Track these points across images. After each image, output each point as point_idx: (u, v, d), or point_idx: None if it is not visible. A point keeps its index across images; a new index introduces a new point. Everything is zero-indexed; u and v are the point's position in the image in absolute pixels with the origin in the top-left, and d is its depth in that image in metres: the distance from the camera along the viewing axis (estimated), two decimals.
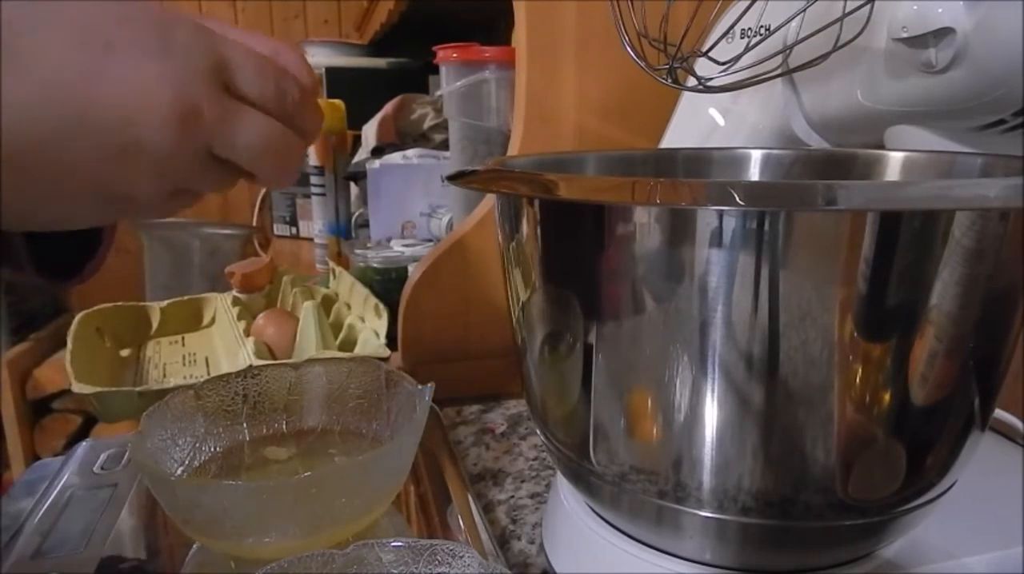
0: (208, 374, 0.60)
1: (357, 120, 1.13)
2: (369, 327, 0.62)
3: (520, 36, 0.55)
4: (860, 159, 0.37)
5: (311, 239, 1.12)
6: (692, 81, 0.38)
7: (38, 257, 0.35)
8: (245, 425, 0.40)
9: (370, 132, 1.11)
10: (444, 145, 1.06)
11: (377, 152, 1.06)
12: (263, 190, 1.43)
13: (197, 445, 0.38)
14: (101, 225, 0.35)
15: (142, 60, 0.25)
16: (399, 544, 0.27)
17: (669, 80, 0.37)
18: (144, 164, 0.26)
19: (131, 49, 0.25)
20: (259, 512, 0.30)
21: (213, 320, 0.73)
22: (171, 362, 0.64)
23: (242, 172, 0.30)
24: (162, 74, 0.25)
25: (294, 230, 1.32)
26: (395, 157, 0.99)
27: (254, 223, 1.63)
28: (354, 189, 1.09)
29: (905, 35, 0.32)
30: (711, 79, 0.37)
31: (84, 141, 0.25)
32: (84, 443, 0.45)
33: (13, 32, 0.23)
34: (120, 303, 0.69)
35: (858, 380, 0.24)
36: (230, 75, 0.27)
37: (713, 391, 0.25)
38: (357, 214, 1.06)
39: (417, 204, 0.95)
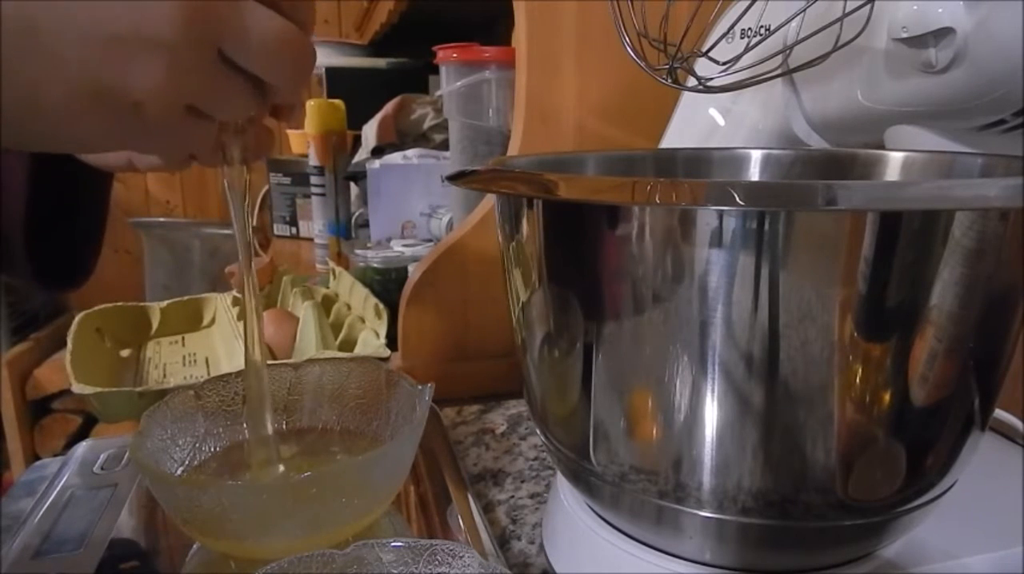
0: (208, 374, 0.60)
1: (357, 120, 1.13)
2: (369, 327, 0.62)
3: (520, 36, 0.55)
4: (860, 159, 0.37)
5: (311, 239, 1.12)
6: (692, 81, 0.38)
7: (36, 263, 0.35)
8: (245, 425, 0.40)
9: (370, 132, 1.11)
10: (444, 145, 1.06)
11: (377, 152, 1.06)
12: (263, 190, 1.43)
13: (197, 445, 0.38)
14: (108, 149, 0.32)
15: None
16: (399, 544, 0.27)
17: (669, 80, 0.37)
18: (149, 58, 0.25)
19: None
20: (259, 512, 0.30)
21: (213, 320, 0.73)
22: (171, 362, 0.64)
23: (256, 84, 0.28)
24: None
25: (294, 230, 1.32)
26: (395, 157, 0.99)
27: (254, 223, 1.63)
28: (354, 189, 1.09)
29: (905, 35, 0.32)
30: (711, 79, 0.37)
31: (84, 27, 0.24)
32: (84, 443, 0.45)
33: None
34: (120, 303, 0.69)
35: (858, 380, 0.24)
36: None
37: (713, 391, 0.25)
38: (357, 214, 1.06)
39: (417, 204, 0.95)
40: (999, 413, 0.42)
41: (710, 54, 0.36)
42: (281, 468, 0.36)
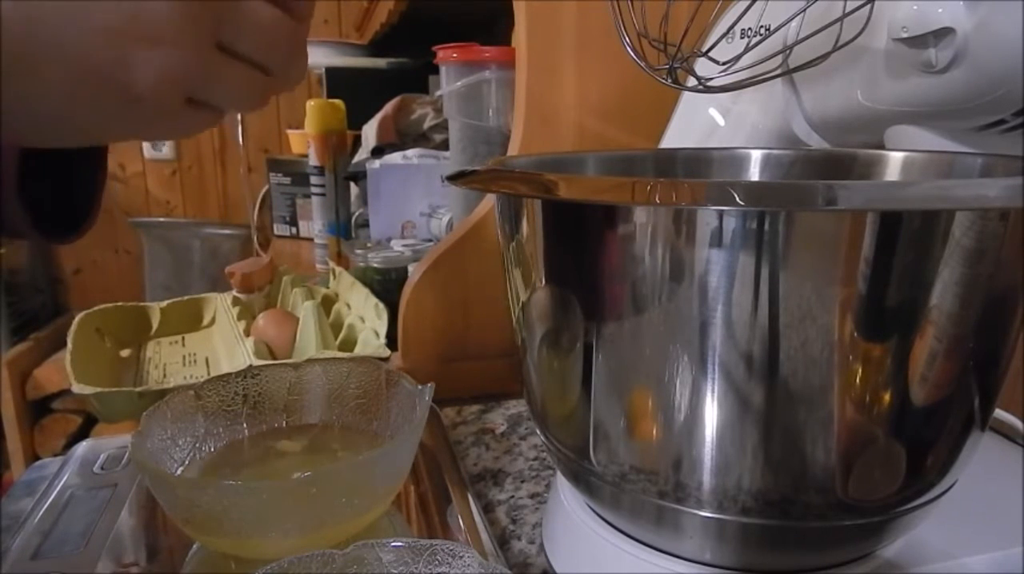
0: (208, 374, 0.60)
1: (357, 120, 1.13)
2: (369, 327, 0.62)
3: (520, 36, 0.55)
4: (860, 159, 0.37)
5: (311, 239, 1.12)
6: (692, 81, 0.38)
7: (33, 215, 0.34)
8: (245, 425, 0.40)
9: (370, 132, 1.11)
10: (444, 145, 1.06)
11: (377, 152, 1.06)
12: (263, 189, 1.43)
13: (197, 445, 0.38)
14: (111, 141, 0.32)
15: None
16: (399, 544, 0.27)
17: (669, 80, 0.37)
18: (147, 54, 0.25)
19: None
20: (259, 512, 0.30)
21: (213, 320, 0.73)
22: (171, 362, 0.64)
23: (254, 67, 0.28)
24: None
25: (294, 230, 1.32)
26: (395, 157, 0.99)
27: (254, 223, 1.63)
28: (354, 189, 1.09)
29: (905, 35, 0.32)
30: (711, 79, 0.37)
31: (83, 21, 0.24)
32: (84, 443, 0.45)
33: None
34: (120, 303, 0.69)
35: (858, 380, 0.24)
36: None
37: (713, 391, 0.25)
38: (357, 214, 1.06)
39: (417, 204, 0.95)
40: (999, 413, 0.42)
41: (710, 54, 0.36)
42: None
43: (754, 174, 0.40)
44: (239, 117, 0.34)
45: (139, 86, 0.25)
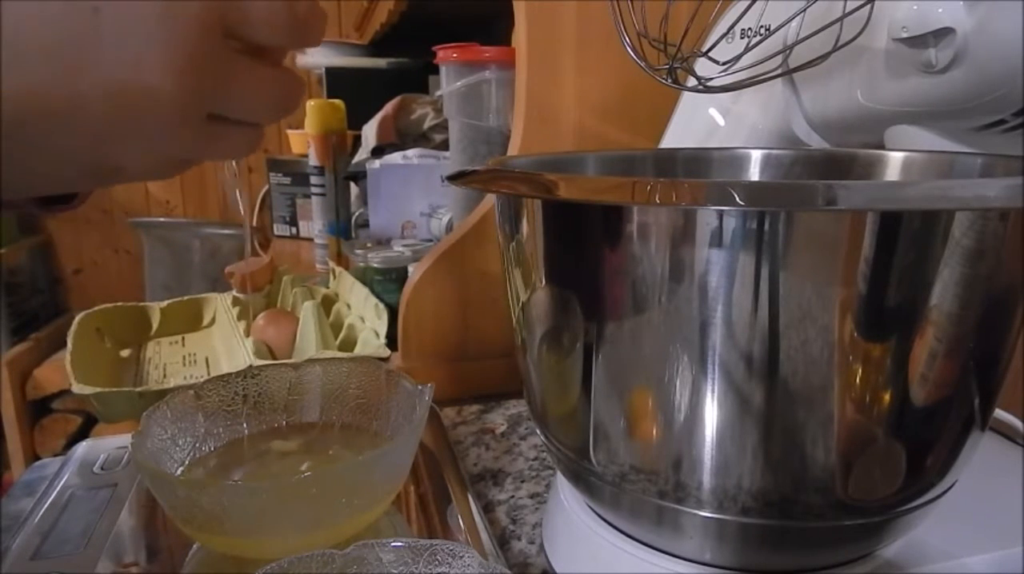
0: (208, 374, 0.60)
1: (357, 120, 1.13)
2: (369, 327, 0.62)
3: (520, 36, 0.55)
4: (860, 159, 0.37)
5: (311, 239, 1.12)
6: (692, 81, 0.38)
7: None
8: (245, 425, 0.40)
9: (370, 132, 1.11)
10: (444, 145, 1.06)
11: (377, 152, 1.06)
12: (263, 190, 1.43)
13: (197, 445, 0.38)
14: (87, 190, 0.33)
15: (134, 24, 0.23)
16: (399, 544, 0.27)
17: (669, 80, 0.37)
18: (136, 142, 0.25)
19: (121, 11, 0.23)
20: (259, 512, 0.30)
21: (213, 320, 0.73)
22: (171, 362, 0.64)
23: (243, 125, 0.28)
24: (155, 35, 0.23)
25: (294, 230, 1.32)
26: (395, 157, 0.99)
27: (254, 223, 1.63)
28: (354, 189, 1.09)
29: (905, 35, 0.32)
30: (711, 79, 0.37)
31: (72, 125, 0.24)
32: (84, 443, 0.45)
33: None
34: (120, 303, 0.69)
35: (858, 380, 0.24)
36: (237, 20, 0.25)
37: (713, 391, 0.25)
38: (357, 214, 1.06)
39: (417, 204, 0.95)
40: (999, 413, 0.42)
41: (710, 54, 0.36)
42: None
43: (754, 174, 0.39)
44: (235, 169, 0.34)
45: (126, 166, 0.26)
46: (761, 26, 0.41)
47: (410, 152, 1.00)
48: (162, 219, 2.16)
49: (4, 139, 0.23)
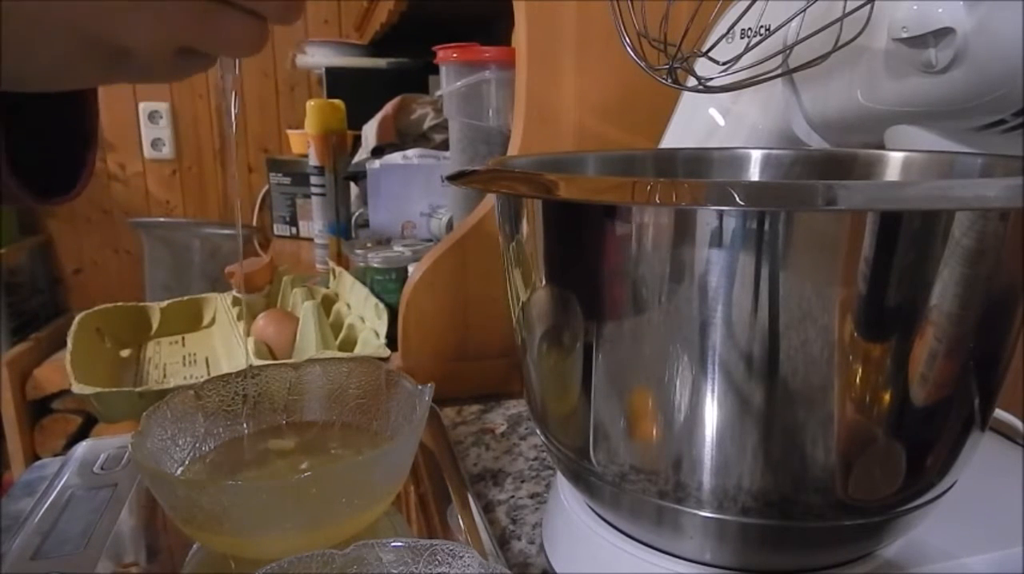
0: (208, 374, 0.60)
1: (357, 120, 1.13)
2: (369, 327, 0.62)
3: (520, 36, 0.55)
4: (860, 159, 0.37)
5: (311, 239, 1.12)
6: (692, 81, 0.38)
7: (24, 175, 0.34)
8: (245, 425, 0.40)
9: (370, 132, 1.11)
10: (444, 145, 1.06)
11: (377, 152, 1.06)
12: (263, 190, 1.43)
13: (197, 445, 0.38)
14: (100, 84, 0.32)
15: None
16: (399, 544, 0.27)
17: (669, 80, 0.37)
18: (136, 12, 0.25)
19: None
20: (259, 512, 0.30)
21: (213, 320, 0.73)
22: (171, 362, 0.64)
23: (246, 14, 0.27)
24: None
25: (294, 230, 1.32)
26: (395, 157, 0.99)
27: (254, 223, 1.63)
28: (354, 189, 1.09)
29: (905, 35, 0.32)
30: (711, 79, 0.37)
31: None
32: (84, 443, 0.45)
33: None
34: (120, 303, 0.69)
35: (858, 380, 0.24)
36: None
37: (713, 391, 0.25)
38: (357, 214, 1.06)
39: (417, 204, 0.95)
40: (999, 413, 0.42)
41: (710, 54, 0.36)
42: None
43: (754, 174, 0.39)
44: (233, 98, 0.34)
45: (129, 45, 0.25)
46: (761, 26, 0.41)
47: (410, 152, 1.00)
48: (162, 219, 2.16)
49: (4, 13, 0.23)
